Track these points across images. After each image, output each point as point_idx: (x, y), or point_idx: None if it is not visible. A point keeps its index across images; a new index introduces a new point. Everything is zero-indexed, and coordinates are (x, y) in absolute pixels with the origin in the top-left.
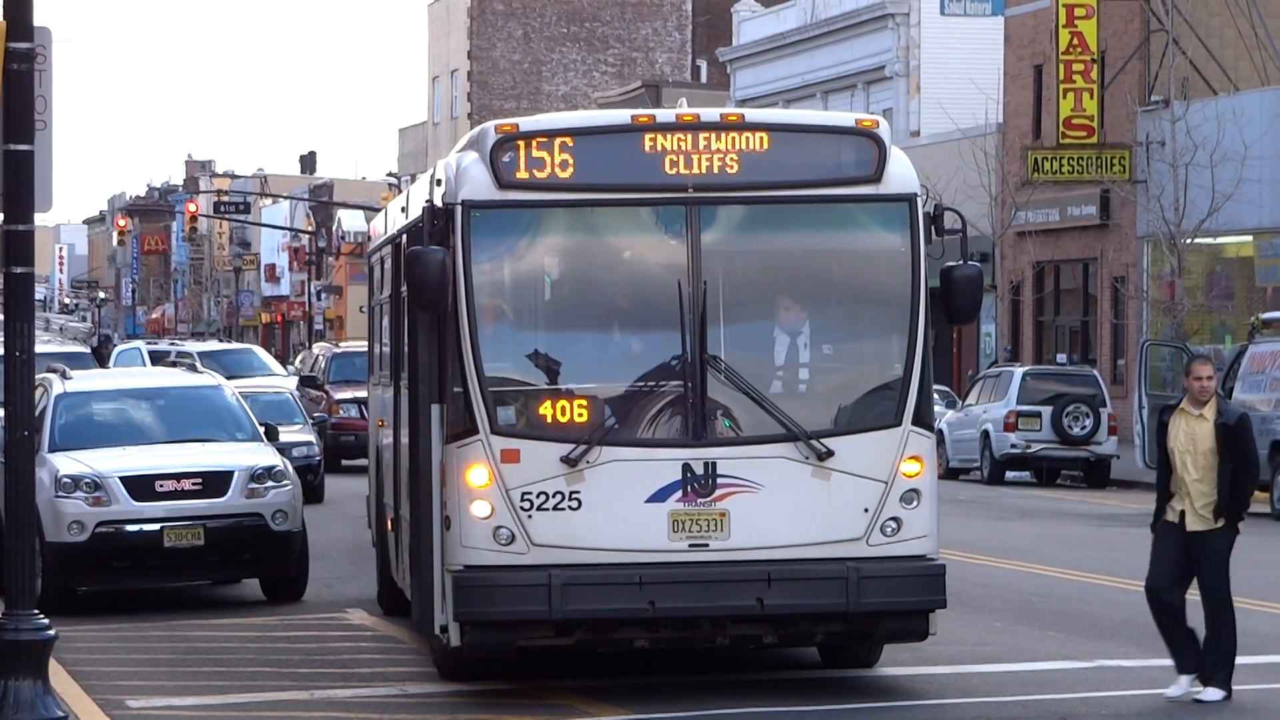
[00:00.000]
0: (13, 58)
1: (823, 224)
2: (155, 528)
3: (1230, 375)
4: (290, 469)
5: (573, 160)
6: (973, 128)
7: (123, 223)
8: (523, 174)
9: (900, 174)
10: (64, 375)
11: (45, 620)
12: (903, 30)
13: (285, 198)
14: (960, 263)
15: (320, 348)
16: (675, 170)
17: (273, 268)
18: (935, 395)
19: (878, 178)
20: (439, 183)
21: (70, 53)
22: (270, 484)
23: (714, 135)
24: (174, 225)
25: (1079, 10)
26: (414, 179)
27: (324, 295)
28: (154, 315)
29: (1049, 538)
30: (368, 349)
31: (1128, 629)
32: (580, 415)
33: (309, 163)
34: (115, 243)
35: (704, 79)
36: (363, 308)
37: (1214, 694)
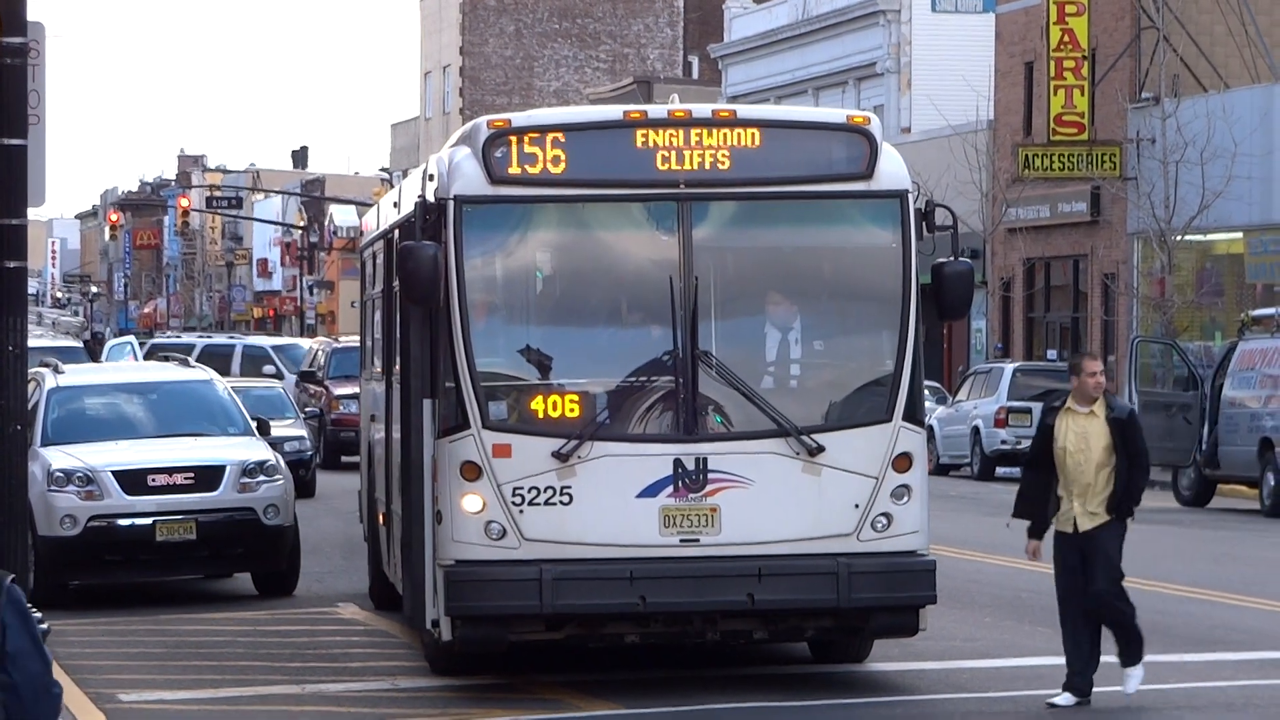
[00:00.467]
0: (6, 52)
1: (814, 220)
2: (147, 522)
3: (1220, 372)
4: (282, 463)
5: (565, 156)
6: (964, 124)
7: (115, 217)
8: (515, 169)
9: (891, 170)
10: (56, 369)
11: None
12: (894, 27)
13: (277, 192)
14: (951, 259)
15: (319, 342)
16: (667, 166)
17: (265, 262)
18: (926, 391)
19: (869, 174)
20: (431, 178)
21: (63, 47)
22: (262, 478)
23: (706, 131)
24: (166, 220)
25: (1070, 7)
26: (406, 174)
27: (316, 290)
28: (146, 310)
29: None
30: (359, 344)
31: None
32: (572, 410)
33: (301, 158)
34: (107, 237)
35: (695, 75)
36: (354, 303)
37: (1135, 674)
